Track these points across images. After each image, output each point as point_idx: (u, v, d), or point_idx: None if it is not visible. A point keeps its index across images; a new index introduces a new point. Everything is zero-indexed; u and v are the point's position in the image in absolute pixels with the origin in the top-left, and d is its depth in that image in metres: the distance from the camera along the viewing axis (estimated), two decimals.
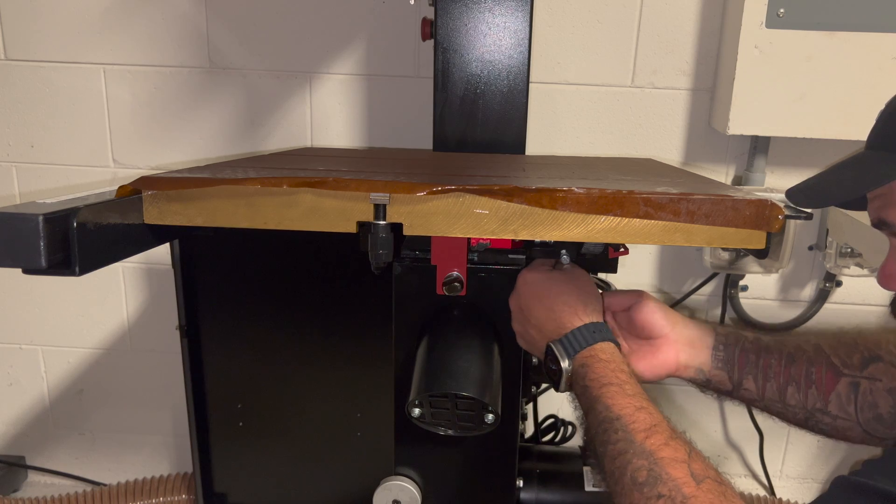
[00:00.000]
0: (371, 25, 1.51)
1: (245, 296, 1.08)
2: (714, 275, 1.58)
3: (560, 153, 1.55)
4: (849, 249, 1.43)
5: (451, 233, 0.77)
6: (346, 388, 1.10)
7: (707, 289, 1.61)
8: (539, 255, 0.93)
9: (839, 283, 1.57)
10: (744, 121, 1.35)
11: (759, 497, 1.62)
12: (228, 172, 0.83)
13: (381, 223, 0.75)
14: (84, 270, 0.67)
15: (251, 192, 0.76)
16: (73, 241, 0.65)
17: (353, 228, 0.77)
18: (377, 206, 0.75)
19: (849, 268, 1.47)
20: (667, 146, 1.54)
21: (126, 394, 1.78)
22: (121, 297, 1.70)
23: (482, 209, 0.76)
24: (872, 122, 0.78)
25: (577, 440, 0.80)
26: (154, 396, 1.77)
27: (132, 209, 0.76)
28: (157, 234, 0.81)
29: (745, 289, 1.59)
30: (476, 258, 0.90)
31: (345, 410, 1.11)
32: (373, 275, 0.83)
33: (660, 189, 0.78)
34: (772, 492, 1.72)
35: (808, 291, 1.60)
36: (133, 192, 0.76)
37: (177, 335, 1.08)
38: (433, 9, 1.26)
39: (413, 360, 0.89)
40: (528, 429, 1.41)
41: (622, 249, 0.94)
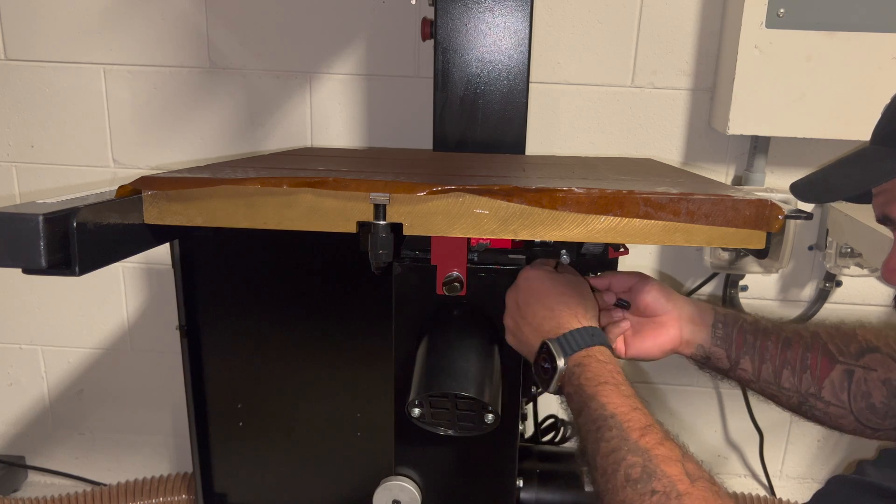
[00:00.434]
0: (371, 25, 1.51)
1: (245, 296, 1.08)
2: (714, 275, 1.58)
3: (560, 153, 1.55)
4: (849, 249, 1.43)
5: (451, 233, 0.77)
6: (346, 388, 1.10)
7: (707, 289, 1.61)
8: (539, 256, 0.93)
9: (839, 283, 1.57)
10: (744, 121, 1.35)
11: (759, 497, 1.62)
12: (228, 172, 0.83)
13: (381, 223, 0.76)
14: (84, 270, 0.67)
15: (251, 192, 0.76)
16: (73, 241, 0.65)
17: (353, 228, 0.77)
18: (377, 206, 0.75)
19: (849, 268, 1.47)
20: (667, 146, 1.54)
21: (126, 394, 1.78)
22: (121, 297, 1.70)
23: (482, 209, 0.76)
24: (873, 122, 0.78)
25: (575, 438, 0.81)
26: (154, 396, 1.77)
27: (132, 209, 0.76)
28: (157, 234, 0.81)
29: (745, 289, 1.59)
30: (476, 258, 0.90)
31: (345, 410, 1.11)
32: (373, 275, 0.83)
33: (660, 189, 0.78)
34: (772, 492, 1.72)
35: (808, 291, 1.60)
36: (133, 192, 0.76)
37: (177, 335, 1.08)
38: (433, 9, 1.26)
39: (413, 360, 0.89)
40: (528, 429, 1.41)
41: (622, 249, 0.94)
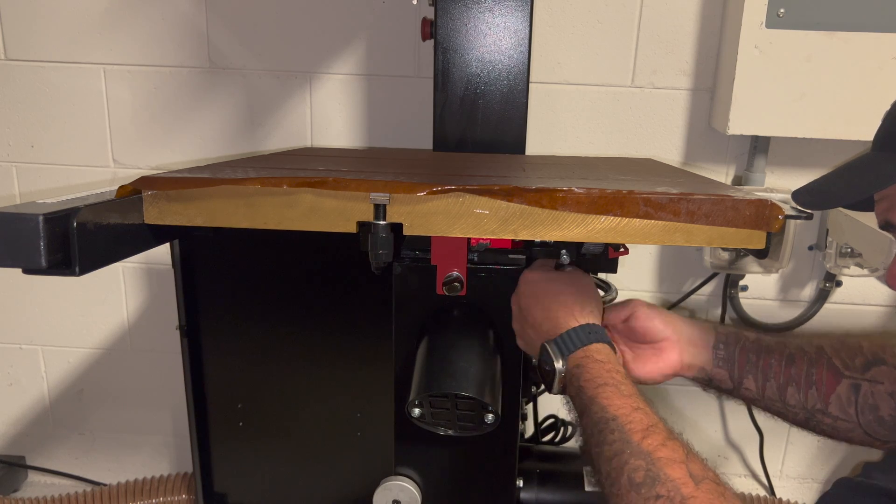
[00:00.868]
0: (371, 25, 1.51)
1: (245, 296, 1.08)
2: (714, 275, 1.58)
3: (560, 153, 1.55)
4: (849, 249, 1.43)
5: (451, 233, 0.77)
6: (346, 388, 1.10)
7: (707, 289, 1.61)
8: (539, 255, 0.93)
9: (839, 283, 1.57)
10: (744, 121, 1.35)
11: (759, 497, 1.62)
12: (228, 172, 0.83)
13: (381, 223, 0.75)
14: (84, 270, 0.67)
15: (251, 192, 0.76)
16: (73, 241, 0.65)
17: (353, 228, 0.77)
18: (377, 206, 0.75)
19: (849, 268, 1.47)
20: (667, 146, 1.54)
21: (126, 394, 1.78)
22: (121, 297, 1.70)
23: (482, 209, 0.76)
24: (873, 122, 0.78)
25: (578, 440, 0.80)
26: (154, 396, 1.77)
27: (132, 209, 0.76)
28: (157, 234, 0.81)
29: (745, 289, 1.59)
30: (476, 258, 0.90)
31: (345, 410, 1.11)
32: (373, 275, 0.83)
33: (660, 189, 0.78)
34: (772, 492, 1.72)
35: (808, 291, 1.60)
36: (133, 192, 0.76)
37: (177, 335, 1.08)
38: (433, 9, 1.26)
39: (413, 360, 0.89)
40: (528, 429, 1.41)
41: (622, 249, 0.94)
